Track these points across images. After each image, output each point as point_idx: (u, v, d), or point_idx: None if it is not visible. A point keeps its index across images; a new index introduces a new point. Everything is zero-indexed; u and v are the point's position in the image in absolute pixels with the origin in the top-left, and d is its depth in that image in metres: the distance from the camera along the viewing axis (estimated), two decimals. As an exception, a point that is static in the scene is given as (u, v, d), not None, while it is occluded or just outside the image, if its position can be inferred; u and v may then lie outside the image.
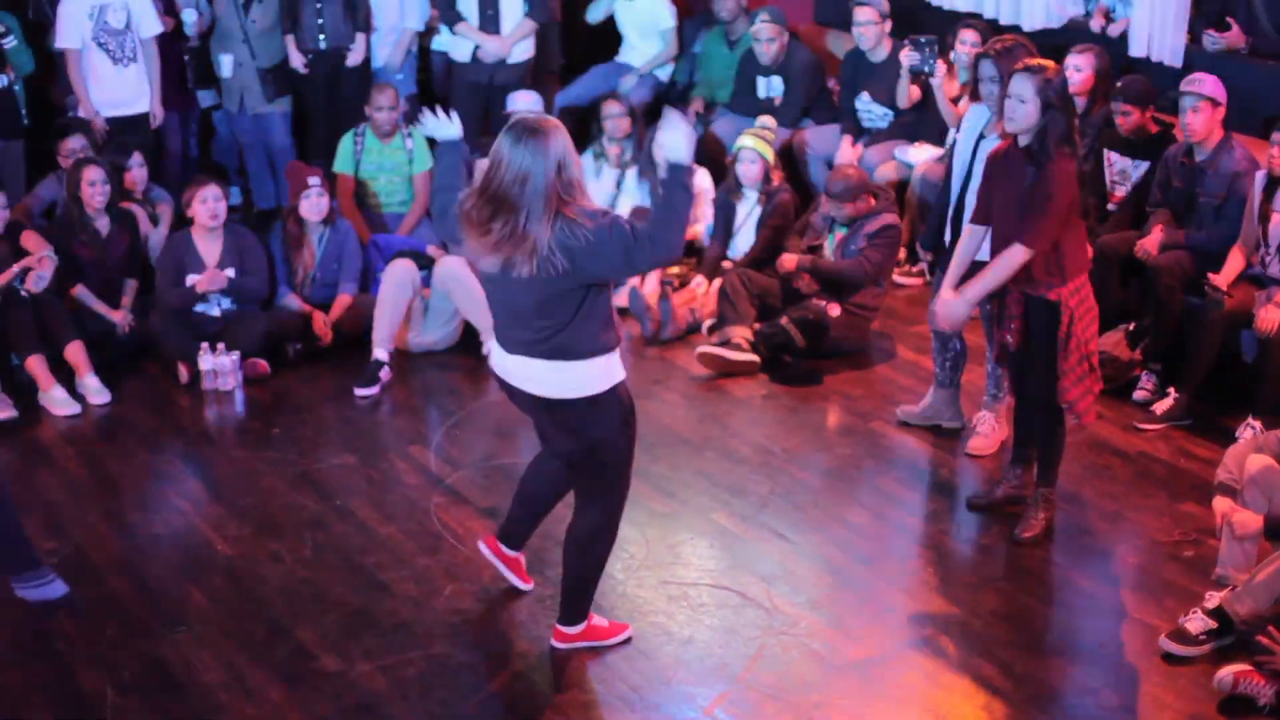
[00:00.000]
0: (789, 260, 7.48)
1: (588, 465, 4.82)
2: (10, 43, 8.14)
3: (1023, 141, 5.43)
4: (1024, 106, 5.35)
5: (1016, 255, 5.39)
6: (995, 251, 5.55)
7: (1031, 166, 5.39)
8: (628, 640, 5.11)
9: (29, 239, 7.07)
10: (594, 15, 9.88)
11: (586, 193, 4.57)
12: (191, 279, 7.23)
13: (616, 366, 4.70)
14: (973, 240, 5.74)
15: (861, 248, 7.37)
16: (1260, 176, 6.67)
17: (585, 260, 4.43)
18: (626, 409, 4.75)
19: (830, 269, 7.39)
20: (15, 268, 6.89)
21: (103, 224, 7.37)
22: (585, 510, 4.90)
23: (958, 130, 6.36)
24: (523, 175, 4.42)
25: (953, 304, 5.63)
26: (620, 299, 7.97)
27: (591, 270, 4.47)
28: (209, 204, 7.25)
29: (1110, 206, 7.40)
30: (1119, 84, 7.35)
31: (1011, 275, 5.44)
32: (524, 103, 8.38)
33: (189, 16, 8.74)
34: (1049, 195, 5.32)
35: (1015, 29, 8.32)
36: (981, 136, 6.02)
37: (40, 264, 6.92)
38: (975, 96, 6.07)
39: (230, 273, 7.29)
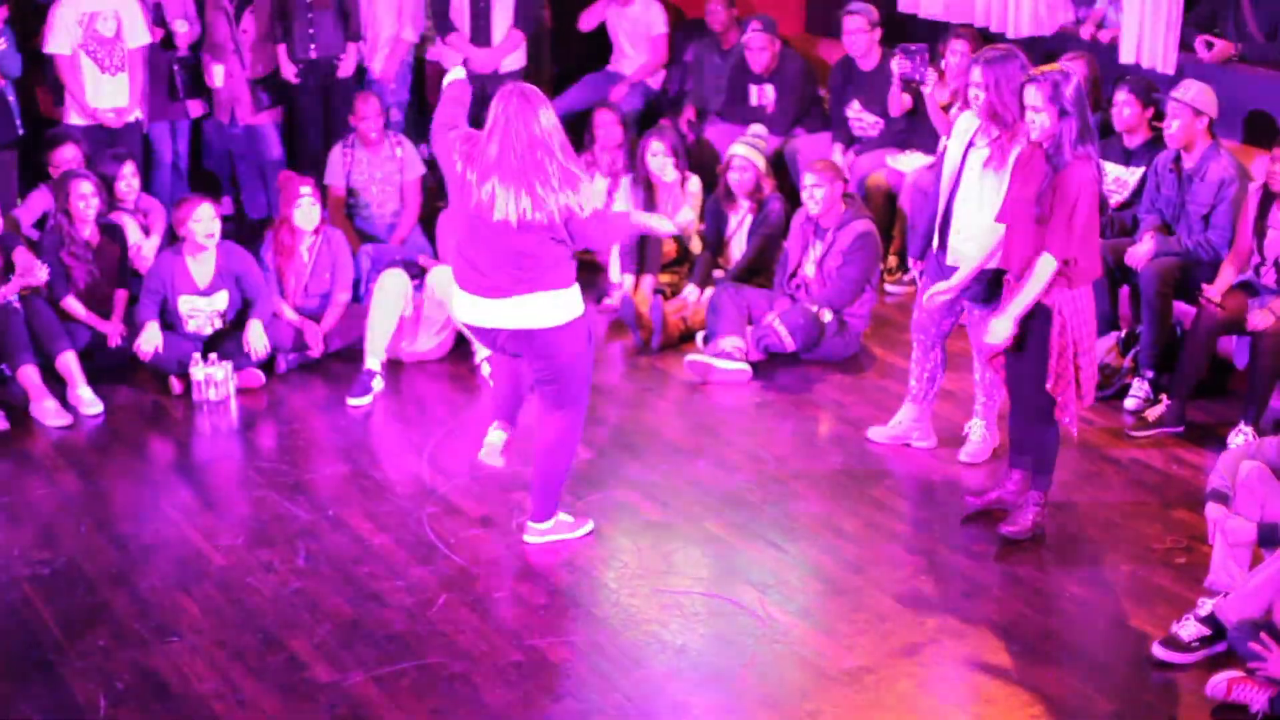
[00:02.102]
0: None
1: (558, 382, 5.53)
2: (2, 44, 8.10)
3: (1043, 145, 5.44)
4: (1040, 116, 5.36)
5: (1046, 266, 5.40)
6: (1008, 250, 5.57)
7: (1049, 168, 5.40)
8: (590, 533, 5.80)
9: (20, 256, 7.07)
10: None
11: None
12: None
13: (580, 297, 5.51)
14: None
15: (839, 265, 7.37)
16: (1255, 190, 6.65)
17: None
18: (589, 332, 5.54)
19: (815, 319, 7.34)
20: (9, 291, 6.90)
21: (92, 236, 7.36)
22: (552, 419, 5.58)
23: (948, 138, 6.37)
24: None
25: (998, 323, 5.55)
26: (613, 302, 7.99)
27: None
28: (203, 223, 7.16)
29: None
30: (1127, 76, 7.31)
31: (1046, 286, 5.43)
32: None
33: (179, 27, 8.74)
34: (1071, 203, 5.33)
35: (1004, 37, 8.35)
36: (971, 144, 6.03)
37: (31, 276, 6.95)
38: (966, 104, 6.08)
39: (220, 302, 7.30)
